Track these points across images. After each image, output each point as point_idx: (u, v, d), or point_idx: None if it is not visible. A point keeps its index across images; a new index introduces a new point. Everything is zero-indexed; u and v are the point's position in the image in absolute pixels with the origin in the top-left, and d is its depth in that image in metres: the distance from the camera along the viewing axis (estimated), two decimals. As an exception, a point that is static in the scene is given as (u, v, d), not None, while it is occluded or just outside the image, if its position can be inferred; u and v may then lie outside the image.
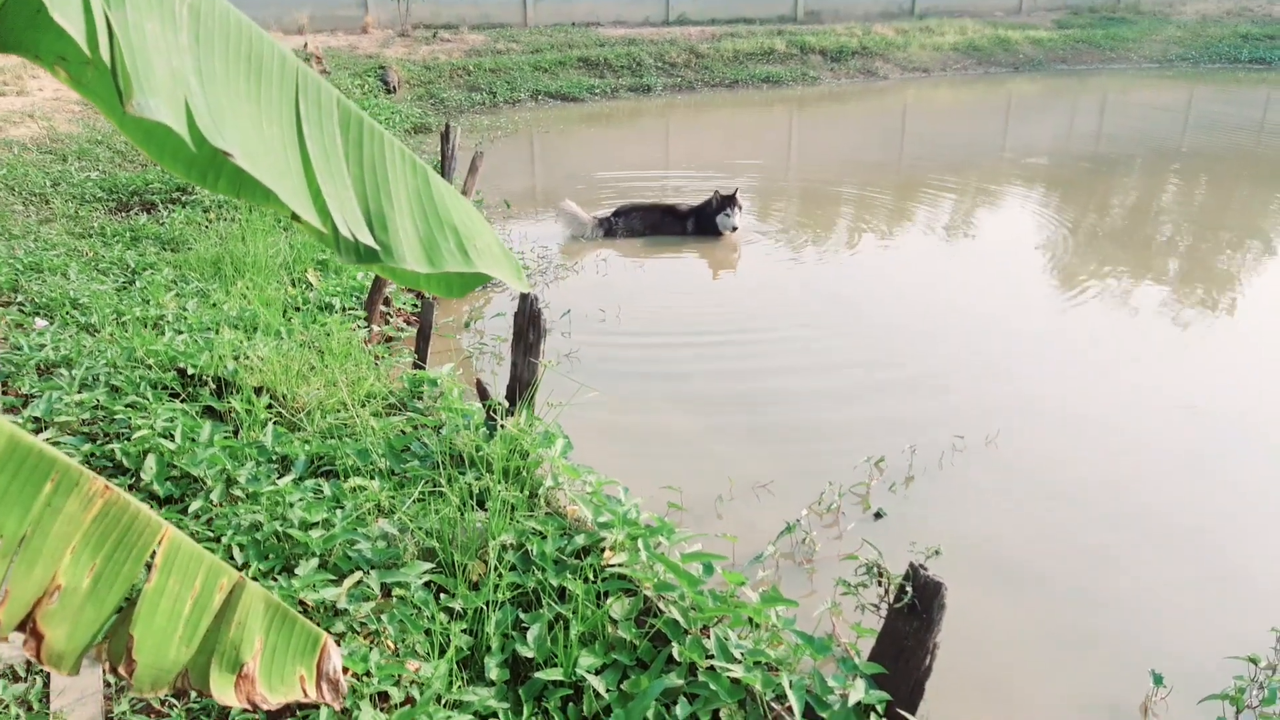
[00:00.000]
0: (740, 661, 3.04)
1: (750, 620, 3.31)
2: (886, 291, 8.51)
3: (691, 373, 6.63)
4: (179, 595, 1.51)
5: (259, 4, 20.30)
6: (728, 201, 9.65)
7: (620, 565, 3.36)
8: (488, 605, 3.24)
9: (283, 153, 1.54)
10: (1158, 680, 3.63)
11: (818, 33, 23.47)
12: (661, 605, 3.30)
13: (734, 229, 9.70)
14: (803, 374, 6.63)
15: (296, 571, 3.15)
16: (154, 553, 1.49)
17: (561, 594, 3.36)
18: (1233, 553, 4.63)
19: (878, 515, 4.91)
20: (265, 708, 1.67)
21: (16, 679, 2.86)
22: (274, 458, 4.09)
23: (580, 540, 3.55)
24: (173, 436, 4.01)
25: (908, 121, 18.96)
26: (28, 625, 1.35)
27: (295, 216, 1.55)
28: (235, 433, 4.45)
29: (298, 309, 6.42)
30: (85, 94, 1.59)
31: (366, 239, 1.62)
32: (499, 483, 3.74)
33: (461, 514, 3.63)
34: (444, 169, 10.48)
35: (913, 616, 3.10)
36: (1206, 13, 27.66)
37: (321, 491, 3.81)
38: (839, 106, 20.37)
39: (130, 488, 3.76)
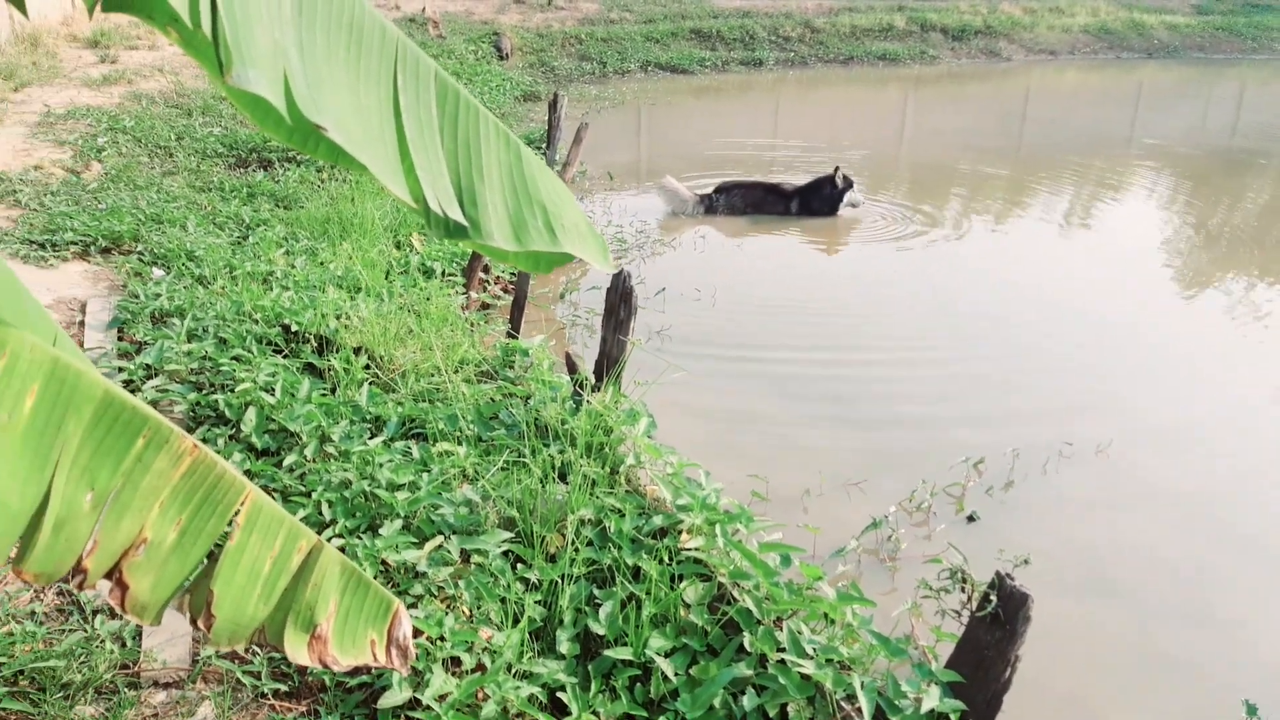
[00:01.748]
0: (812, 657, 2.99)
1: (825, 616, 3.25)
2: (996, 286, 8.22)
3: (783, 359, 6.53)
4: (259, 554, 1.55)
5: (381, -32, 20.66)
6: (849, 182, 9.49)
7: (696, 550, 3.34)
8: (563, 579, 3.26)
9: (378, 125, 1.55)
10: (1251, 711, 3.43)
11: (940, 9, 22.73)
12: (735, 593, 3.26)
13: (856, 205, 9.55)
14: (902, 368, 6.47)
15: (381, 531, 3.23)
16: (237, 512, 1.53)
17: (636, 573, 3.36)
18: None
19: (970, 518, 4.76)
20: (336, 669, 1.71)
21: (113, 615, 3.01)
22: (368, 417, 4.19)
23: (658, 521, 3.54)
24: (273, 391, 4.15)
25: (1030, 106, 18.23)
26: (114, 575, 1.41)
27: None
28: (332, 390, 4.57)
29: (401, 272, 6.55)
30: (195, 56, 1.62)
31: (456, 215, 1.62)
32: (582, 457, 3.75)
33: (543, 485, 3.66)
34: (551, 139, 10.55)
35: (995, 626, 3.00)
36: (1366, 1, 25.71)
37: (410, 454, 3.89)
38: (958, 87, 19.73)
39: (231, 438, 3.92)
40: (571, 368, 4.49)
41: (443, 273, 6.60)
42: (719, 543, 3.40)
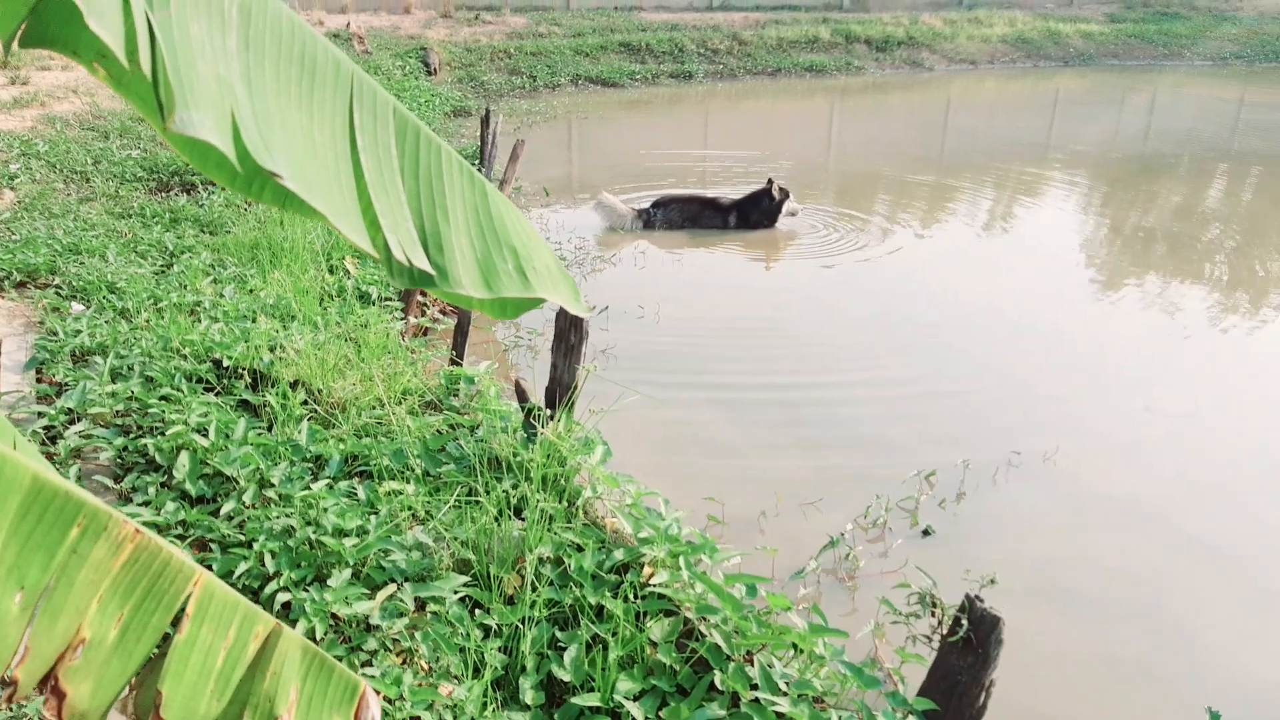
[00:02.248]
0: (786, 694, 2.90)
1: (794, 645, 3.17)
2: (932, 295, 8.28)
3: (731, 376, 6.47)
4: (211, 646, 1.40)
5: (302, -18, 20.27)
6: (785, 193, 9.51)
7: (661, 585, 3.23)
8: (524, 622, 3.12)
9: (334, 168, 1.41)
10: (1214, 718, 3.45)
11: (864, 21, 23.11)
12: (703, 628, 3.17)
13: (794, 214, 9.60)
14: (847, 381, 6.45)
15: (329, 582, 3.05)
16: (186, 600, 1.38)
17: (599, 612, 3.24)
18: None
19: (926, 532, 4.75)
20: (299, 759, 1.55)
21: None
22: (308, 456, 4.00)
23: (619, 555, 3.42)
24: (206, 433, 3.93)
25: (951, 115, 18.61)
26: (49, 683, 1.24)
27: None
28: (269, 427, 4.36)
29: (334, 297, 6.33)
30: (128, 95, 1.46)
31: (422, 263, 1.49)
32: (538, 491, 3.62)
33: (498, 523, 3.52)
34: (484, 155, 10.37)
35: (967, 651, 2.95)
36: (1265, 9, 26.92)
37: (355, 494, 3.71)
38: (883, 97, 20.03)
39: (163, 485, 3.69)
40: (522, 396, 4.35)
41: (380, 297, 6.39)
42: (684, 576, 3.29)
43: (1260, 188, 12.96)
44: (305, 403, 4.53)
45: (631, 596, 3.22)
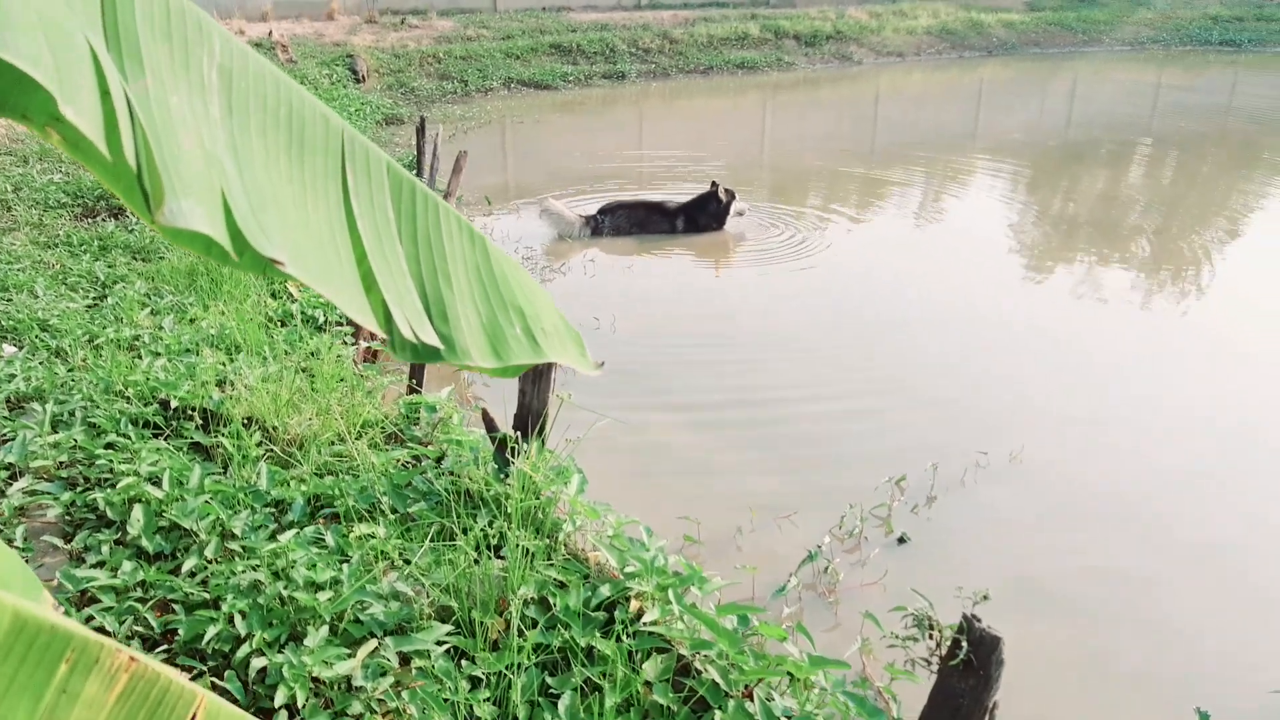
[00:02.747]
0: (789, 729, 2.83)
1: (790, 675, 3.10)
2: (879, 293, 8.31)
3: (693, 387, 6.40)
4: (217, 774, 1.26)
5: (220, -9, 19.69)
6: (732, 194, 9.48)
7: (654, 624, 3.13)
8: (511, 669, 3.00)
9: (332, 242, 1.29)
10: (1203, 718, 3.47)
11: (792, 17, 23.25)
12: (699, 665, 3.08)
13: (742, 214, 9.57)
14: (807, 385, 6.43)
15: (306, 642, 2.89)
16: (187, 726, 1.24)
17: (589, 653, 3.12)
18: (1264, 572, 4.50)
19: (901, 540, 4.72)
20: None
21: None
22: (270, 501, 3.81)
23: (605, 591, 3.31)
24: (160, 482, 3.71)
25: (881, 108, 18.83)
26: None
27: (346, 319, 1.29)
28: (224, 468, 4.16)
29: (280, 323, 6.10)
30: (85, 160, 1.31)
31: (430, 337, 1.37)
32: (518, 528, 3.49)
33: (478, 564, 3.38)
34: (419, 166, 10.15)
35: (968, 674, 2.90)
36: (1176, -6, 27.73)
37: (323, 540, 3.54)
38: (814, 92, 20.18)
39: (117, 543, 3.47)
40: (490, 425, 4.21)
41: (328, 320, 6.18)
42: (675, 610, 3.20)
43: (1182, 166, 13.32)
44: (260, 442, 4.33)
45: (623, 635, 3.11)
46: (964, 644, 2.89)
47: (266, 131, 1.24)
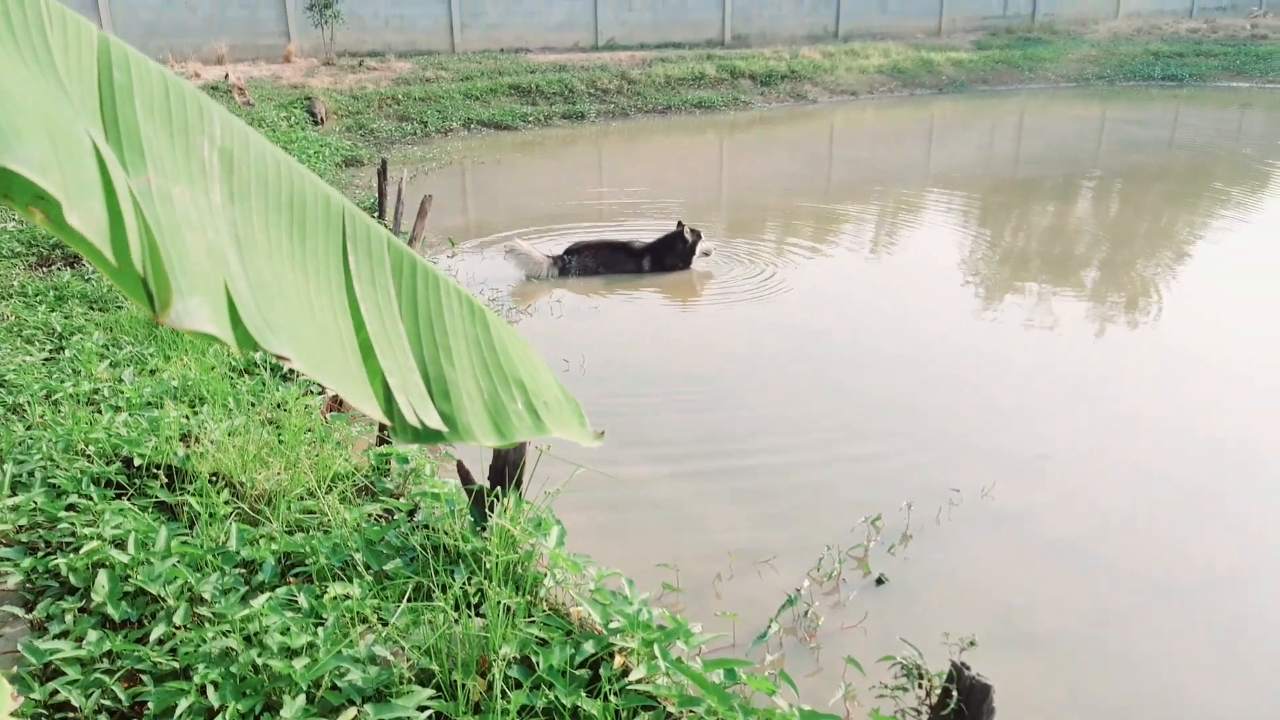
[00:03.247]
0: (782, 787, 2.79)
1: (781, 729, 3.06)
2: (844, 330, 8.39)
3: (665, 429, 6.38)
4: None
5: (175, 33, 19.62)
6: (698, 234, 9.54)
7: (641, 682, 3.08)
8: (496, 732, 2.93)
9: (335, 328, 1.25)
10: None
11: (747, 57, 23.62)
12: (687, 721, 3.03)
13: (708, 254, 9.63)
14: (780, 425, 6.45)
15: (282, 712, 2.80)
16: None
17: (575, 713, 3.06)
18: (1247, 605, 4.55)
19: (879, 581, 4.71)
20: None
21: None
22: (239, 562, 3.70)
23: (589, 647, 3.26)
24: (125, 545, 3.60)
25: (836, 146, 19.14)
26: None
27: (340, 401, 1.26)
28: (191, 527, 4.04)
29: (244, 373, 5.99)
30: (71, 240, 1.27)
31: (434, 421, 1.34)
32: (498, 584, 3.43)
33: (457, 621, 3.31)
34: (382, 208, 10.11)
35: (960, 723, 2.90)
36: (1118, 31, 28.62)
37: (296, 602, 3.45)
38: (770, 131, 20.47)
39: (81, 611, 3.34)
40: (465, 478, 4.14)
41: (294, 370, 6.07)
42: (661, 666, 3.15)
43: (1128, 198, 13.66)
44: (228, 500, 4.22)
45: (609, 693, 3.06)
46: (954, 693, 2.88)
47: (269, 215, 1.21)
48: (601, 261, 9.60)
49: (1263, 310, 8.63)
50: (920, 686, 3.12)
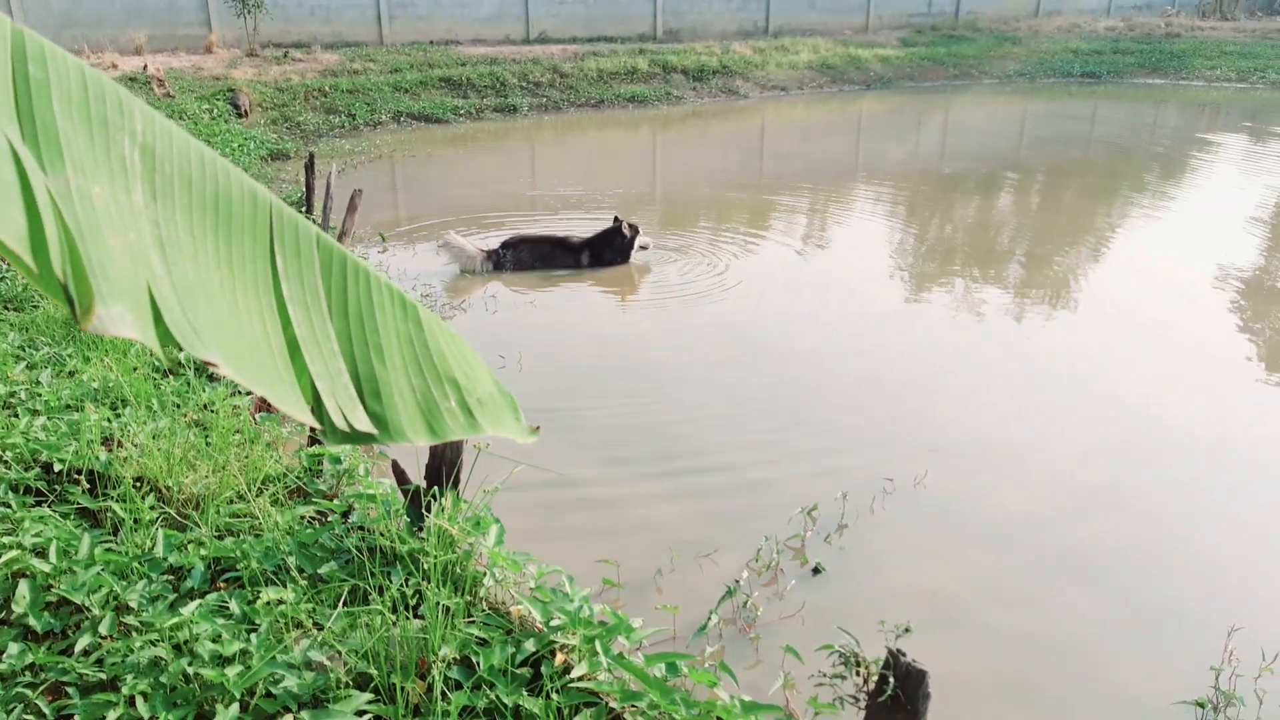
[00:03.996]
0: (723, 778, 2.82)
1: (720, 720, 3.08)
2: (777, 320, 8.46)
3: (603, 424, 6.38)
4: None
5: (91, 23, 18.97)
6: (635, 229, 9.54)
7: (583, 679, 3.08)
8: (437, 734, 2.90)
9: (263, 331, 1.22)
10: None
11: (679, 52, 23.68)
12: (630, 716, 3.04)
13: (646, 248, 9.63)
14: (716, 418, 6.48)
15: (216, 721, 2.74)
16: None
17: (517, 711, 3.05)
18: (1163, 585, 4.71)
19: (816, 570, 4.78)
20: None
21: None
22: (166, 569, 3.61)
23: (530, 646, 3.25)
24: (46, 554, 3.48)
25: (767, 141, 19.31)
26: None
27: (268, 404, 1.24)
28: (115, 534, 3.92)
29: (168, 373, 5.83)
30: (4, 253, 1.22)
31: (363, 423, 1.32)
32: (436, 585, 3.39)
33: (395, 624, 3.27)
34: (310, 203, 9.90)
35: (896, 709, 2.95)
36: (1039, 29, 29.37)
37: (227, 608, 3.37)
38: (702, 125, 20.56)
39: (2, 622, 3.22)
40: (401, 478, 4.09)
41: (219, 371, 5.92)
42: (602, 661, 3.15)
43: (1049, 192, 14.06)
44: (154, 505, 4.10)
45: (551, 691, 3.05)
46: (891, 679, 2.93)
47: (193, 215, 1.18)
48: (538, 256, 9.54)
49: (1176, 301, 8.95)
50: (857, 674, 3.17)
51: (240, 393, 5.58)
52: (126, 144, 1.12)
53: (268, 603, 3.37)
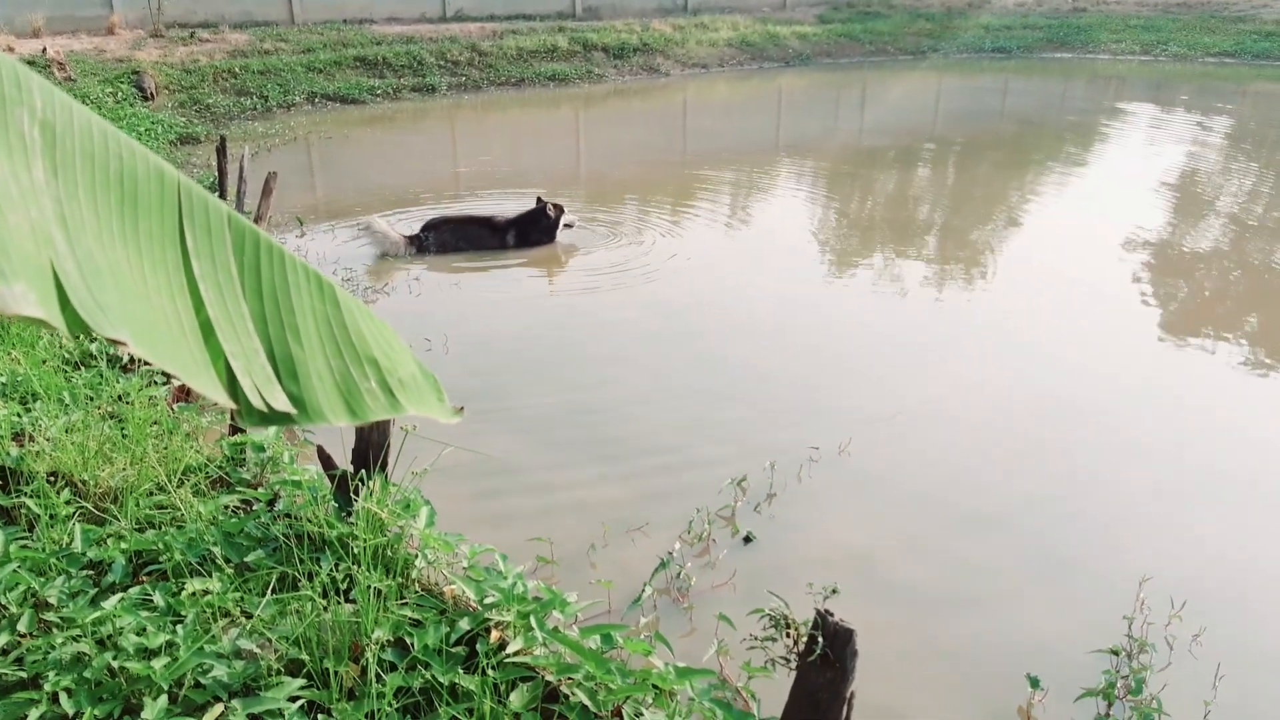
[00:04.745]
0: (659, 744, 2.87)
1: (656, 689, 3.14)
2: (701, 297, 8.53)
3: (532, 403, 6.37)
4: None
5: (-20, 3, 18.06)
6: (560, 208, 9.50)
7: (518, 654, 3.09)
8: (372, 716, 2.89)
9: (174, 309, 1.21)
10: (1034, 683, 3.76)
11: (599, 29, 23.54)
12: (566, 689, 3.07)
13: (571, 226, 9.61)
14: (645, 394, 6.53)
15: (143, 714, 2.68)
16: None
17: (453, 690, 3.06)
18: (1078, 539, 4.91)
19: (747, 539, 4.87)
20: None
21: None
22: (86, 564, 3.51)
23: (465, 624, 3.25)
24: (-45, 555, 3.36)
25: (690, 117, 19.37)
26: None
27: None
28: (30, 530, 3.80)
29: (80, 365, 5.65)
30: None
31: (280, 403, 1.31)
32: (367, 568, 3.37)
33: (326, 609, 3.25)
34: (222, 188, 9.62)
35: (825, 668, 3.03)
36: (951, 5, 29.91)
37: (151, 601, 3.30)
38: (625, 103, 20.52)
39: (-93, 629, 3.11)
40: (327, 463, 4.04)
41: (135, 361, 5.76)
42: (538, 636, 3.18)
43: (963, 165, 14.41)
44: (70, 500, 3.98)
45: (487, 668, 3.06)
46: (820, 639, 3.01)
47: (97, 192, 1.15)
48: (462, 237, 9.44)
49: (1092, 263, 9.28)
50: (788, 635, 3.25)
51: (156, 383, 5.43)
52: (25, 120, 1.09)
53: (193, 594, 3.31)
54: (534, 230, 9.46)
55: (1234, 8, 29.04)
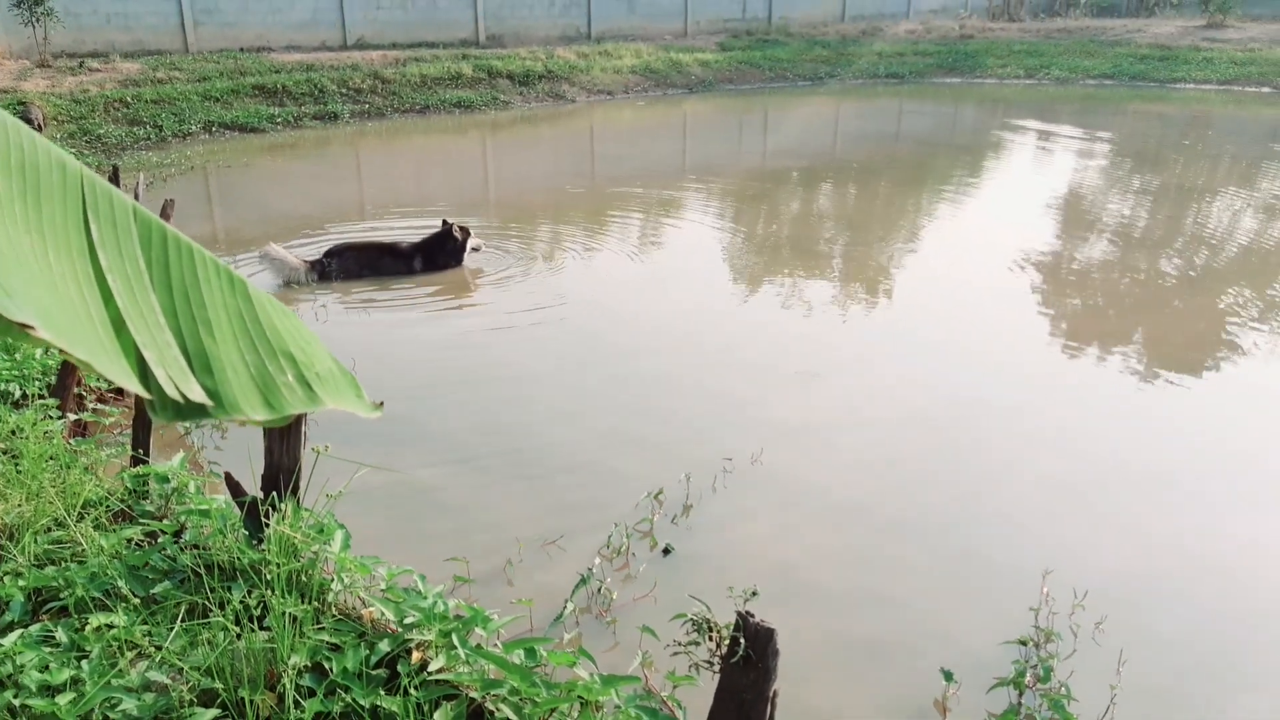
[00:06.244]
0: (588, 752, 2.86)
1: (582, 701, 3.12)
2: (614, 317, 8.59)
3: (446, 424, 6.31)
4: None
5: None
6: (466, 231, 9.43)
7: (440, 672, 3.05)
8: (292, 743, 2.81)
9: (81, 299, 1.18)
10: (948, 677, 3.86)
11: (503, 57, 23.59)
12: (491, 705, 3.03)
13: (478, 250, 9.54)
14: (560, 413, 6.52)
15: (46, 754, 2.56)
16: None
17: (375, 712, 2.99)
18: (984, 538, 5.09)
19: (666, 551, 4.89)
20: None
21: None
22: (-21, 604, 3.34)
23: (385, 646, 3.19)
24: None
25: (596, 144, 19.52)
26: None
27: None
28: (-88, 576, 3.59)
29: (-36, 404, 5.37)
30: None
31: (196, 394, 1.29)
32: (282, 594, 3.28)
33: (240, 637, 3.14)
34: (118, 218, 9.31)
35: (749, 669, 3.07)
36: (845, 33, 30.88)
37: (53, 637, 3.15)
38: (531, 130, 20.57)
39: None
40: (236, 490, 3.92)
41: (25, 394, 5.51)
42: (460, 653, 3.14)
43: (863, 187, 14.86)
44: (-42, 540, 3.78)
45: (409, 688, 3.01)
46: (742, 641, 3.04)
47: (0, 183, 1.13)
48: (365, 264, 9.29)
49: (987, 277, 9.65)
50: (710, 639, 3.28)
51: (51, 417, 5.20)
52: (-84, 106, 1.06)
53: (98, 628, 3.17)
54: (440, 254, 9.39)
55: (1111, 33, 30.72)
